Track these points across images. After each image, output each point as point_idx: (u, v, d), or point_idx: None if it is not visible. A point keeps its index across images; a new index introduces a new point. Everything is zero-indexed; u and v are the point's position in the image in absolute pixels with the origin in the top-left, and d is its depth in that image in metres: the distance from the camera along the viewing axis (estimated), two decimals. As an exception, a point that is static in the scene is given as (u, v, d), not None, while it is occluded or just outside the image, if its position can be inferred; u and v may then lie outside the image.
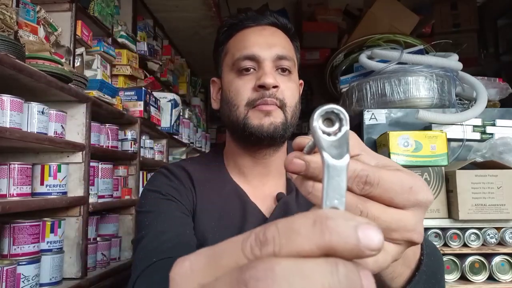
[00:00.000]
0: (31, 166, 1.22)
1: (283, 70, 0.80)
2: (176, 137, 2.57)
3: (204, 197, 0.81)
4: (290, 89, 0.79)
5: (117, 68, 1.98)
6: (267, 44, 0.79)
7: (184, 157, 2.77)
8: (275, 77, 0.77)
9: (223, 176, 0.85)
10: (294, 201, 0.81)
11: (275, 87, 0.76)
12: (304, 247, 0.20)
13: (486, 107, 1.55)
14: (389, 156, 1.44)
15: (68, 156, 1.36)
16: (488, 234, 1.38)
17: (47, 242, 1.25)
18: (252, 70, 0.79)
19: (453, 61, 1.70)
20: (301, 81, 0.89)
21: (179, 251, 0.66)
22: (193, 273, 0.22)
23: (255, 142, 0.79)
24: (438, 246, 1.38)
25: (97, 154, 1.50)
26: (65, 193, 1.30)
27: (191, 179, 0.82)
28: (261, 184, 0.84)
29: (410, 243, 0.35)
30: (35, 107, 1.19)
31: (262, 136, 0.77)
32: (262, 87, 0.76)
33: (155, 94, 2.19)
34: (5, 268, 1.05)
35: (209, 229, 0.77)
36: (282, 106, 0.78)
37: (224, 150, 0.89)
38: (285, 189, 0.84)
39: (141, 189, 1.90)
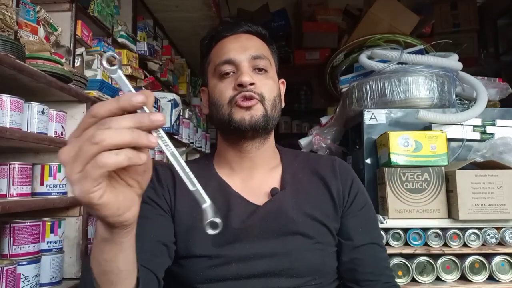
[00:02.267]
0: (31, 166, 1.22)
1: (260, 69, 0.88)
2: (176, 137, 2.57)
3: (186, 194, 0.83)
4: (267, 85, 0.87)
5: (117, 68, 1.98)
6: (242, 48, 0.88)
7: (184, 157, 2.77)
8: (252, 76, 0.85)
9: (209, 172, 0.91)
10: (288, 196, 0.88)
11: (251, 84, 0.84)
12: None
13: (486, 107, 1.55)
14: (389, 156, 1.44)
15: (68, 156, 1.36)
16: (488, 234, 1.38)
17: (47, 242, 1.25)
18: (231, 73, 0.87)
19: (453, 61, 1.70)
20: (282, 80, 0.97)
21: (143, 260, 0.71)
22: None
23: (240, 135, 0.86)
24: (438, 246, 1.39)
25: (97, 154, 1.50)
26: (65, 193, 1.30)
27: (173, 179, 0.88)
28: (248, 177, 0.91)
29: None
30: (35, 107, 1.19)
31: (245, 129, 0.84)
32: (240, 85, 0.84)
33: (155, 94, 2.19)
34: (5, 268, 1.05)
35: (192, 224, 0.83)
36: (261, 100, 0.85)
37: (217, 149, 0.97)
38: (279, 185, 0.90)
39: (141, 189, 1.90)
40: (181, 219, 0.84)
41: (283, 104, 0.94)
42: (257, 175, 0.91)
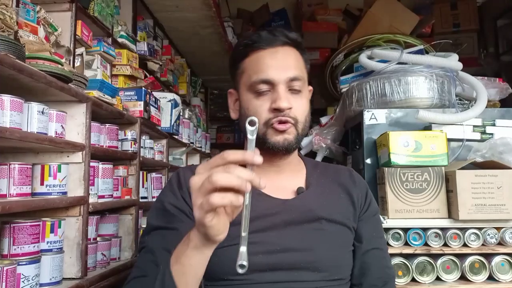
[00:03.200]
0: (31, 166, 1.22)
1: (295, 90, 0.91)
2: (176, 137, 2.57)
3: None
4: (301, 107, 0.91)
5: (117, 68, 1.98)
6: (280, 67, 0.89)
7: (184, 157, 2.77)
8: (289, 99, 0.89)
9: None
10: (313, 195, 0.94)
11: (289, 108, 0.88)
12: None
13: (486, 107, 1.55)
14: (389, 156, 1.44)
15: (68, 156, 1.36)
16: (488, 234, 1.38)
17: (47, 242, 1.24)
18: (267, 92, 0.90)
19: (453, 61, 1.70)
20: (310, 87, 0.99)
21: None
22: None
23: (272, 152, 0.92)
24: (438, 246, 1.39)
25: (97, 154, 1.50)
26: (65, 193, 1.30)
27: None
28: (275, 178, 0.96)
29: None
30: (35, 107, 1.19)
31: (278, 150, 0.91)
32: (277, 109, 0.88)
33: (155, 94, 2.19)
34: (5, 268, 1.05)
35: None
36: (295, 124, 0.90)
37: None
38: (304, 185, 0.97)
39: (141, 189, 1.90)
40: None
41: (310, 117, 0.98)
42: (283, 177, 0.97)
